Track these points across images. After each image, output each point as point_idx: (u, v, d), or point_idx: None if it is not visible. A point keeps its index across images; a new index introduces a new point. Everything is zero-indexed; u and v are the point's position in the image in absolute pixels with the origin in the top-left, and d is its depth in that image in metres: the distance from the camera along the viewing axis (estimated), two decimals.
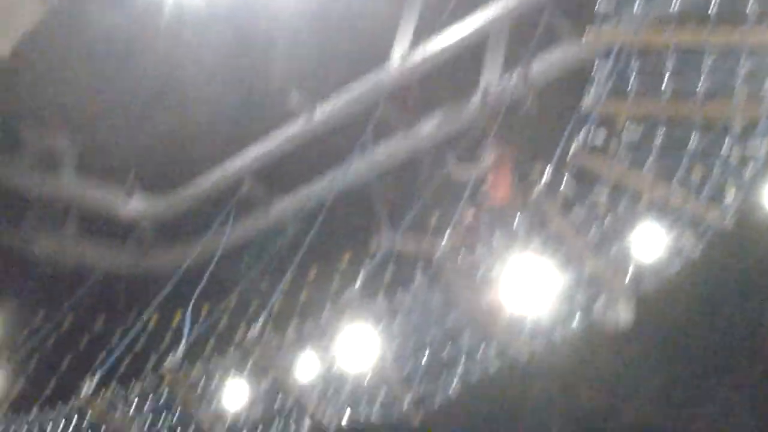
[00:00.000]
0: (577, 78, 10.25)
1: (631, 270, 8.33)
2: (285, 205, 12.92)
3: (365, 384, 9.33)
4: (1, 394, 11.58)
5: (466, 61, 11.69)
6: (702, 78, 7.86)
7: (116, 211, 13.76)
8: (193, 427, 9.73)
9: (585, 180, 8.47)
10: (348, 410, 9.33)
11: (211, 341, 10.35)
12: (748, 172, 7.85)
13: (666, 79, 7.99)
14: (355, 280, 9.29)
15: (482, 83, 11.32)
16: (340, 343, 9.21)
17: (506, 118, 9.88)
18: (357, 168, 11.60)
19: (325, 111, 12.14)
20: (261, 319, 9.60)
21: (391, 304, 9.38)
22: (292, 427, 9.51)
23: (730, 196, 7.90)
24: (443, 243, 8.69)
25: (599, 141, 8.21)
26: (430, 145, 11.68)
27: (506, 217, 8.89)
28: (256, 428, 9.66)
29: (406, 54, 11.50)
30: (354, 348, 9.12)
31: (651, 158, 8.13)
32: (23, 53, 10.67)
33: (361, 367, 9.21)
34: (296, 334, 9.71)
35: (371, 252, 10.35)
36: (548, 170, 8.31)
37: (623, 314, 8.38)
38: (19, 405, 11.34)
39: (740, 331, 12.92)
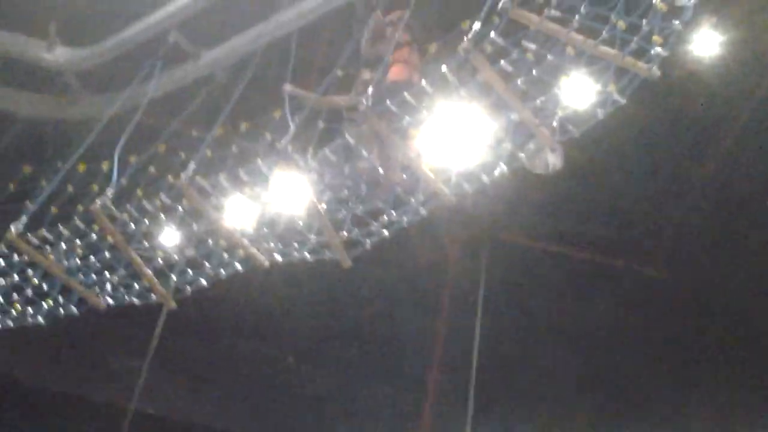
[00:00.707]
0: None
1: (557, 117, 8.54)
2: (213, 57, 12.84)
3: (298, 227, 9.51)
4: None
5: None
6: None
7: (39, 61, 13.51)
8: (123, 264, 9.85)
9: (512, 33, 8.65)
10: (280, 247, 9.53)
11: (140, 187, 10.34)
12: (677, 24, 8.03)
13: None
14: (285, 133, 9.41)
15: None
16: (273, 189, 9.35)
17: None
18: (284, 19, 11.56)
19: None
20: (191, 165, 9.66)
21: (320, 157, 9.48)
22: (226, 259, 9.69)
23: (658, 45, 8.08)
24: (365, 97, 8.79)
25: None
26: None
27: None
28: (190, 265, 9.83)
29: None
30: (286, 194, 9.31)
31: (579, 10, 8.27)
32: None
33: (292, 211, 9.39)
34: (227, 181, 9.77)
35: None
36: (477, 23, 8.45)
37: (552, 159, 8.69)
38: None
39: (665, 175, 13.62)
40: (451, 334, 16.07)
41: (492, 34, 8.45)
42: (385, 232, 9.29)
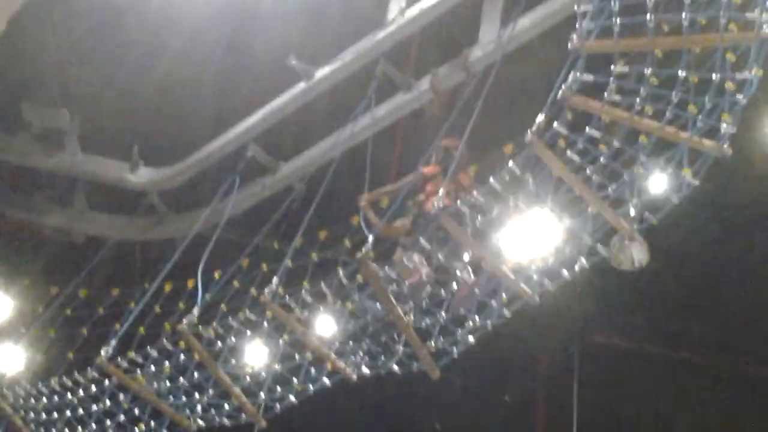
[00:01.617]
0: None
1: (633, 207, 8.35)
2: (290, 169, 12.98)
3: (382, 339, 9.40)
4: (22, 368, 11.67)
5: (463, 17, 11.81)
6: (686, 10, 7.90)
7: (123, 183, 13.87)
8: (211, 384, 9.82)
9: (577, 123, 8.56)
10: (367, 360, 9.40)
11: (224, 303, 10.36)
12: (742, 98, 7.87)
13: (651, 15, 8.04)
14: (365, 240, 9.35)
15: (480, 37, 11.44)
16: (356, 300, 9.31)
17: None
18: (361, 127, 11.67)
19: (324, 72, 12.18)
20: (274, 280, 9.65)
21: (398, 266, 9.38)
22: (314, 374, 9.59)
23: (727, 124, 7.92)
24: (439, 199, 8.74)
25: (589, 81, 8.31)
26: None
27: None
28: (278, 382, 9.75)
29: (403, 10, 11.56)
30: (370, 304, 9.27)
31: (643, 94, 8.16)
32: (18, 27, 10.83)
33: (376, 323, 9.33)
34: (310, 294, 9.72)
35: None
36: (540, 116, 8.38)
37: (638, 254, 8.46)
38: (40, 378, 11.38)
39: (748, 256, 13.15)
40: None
41: (555, 124, 8.37)
42: (471, 339, 9.08)
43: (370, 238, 9.13)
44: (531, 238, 8.65)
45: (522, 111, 9.52)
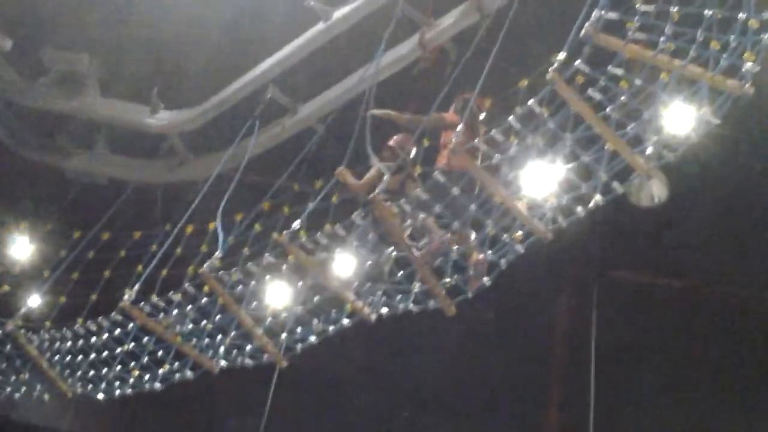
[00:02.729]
0: None
1: (651, 144, 8.27)
2: (310, 110, 12.93)
3: (400, 279, 9.41)
4: (45, 310, 11.83)
5: None
6: None
7: (143, 126, 13.87)
8: (234, 326, 9.90)
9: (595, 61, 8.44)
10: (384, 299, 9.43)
11: (247, 246, 10.40)
12: (766, 38, 7.75)
13: None
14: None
15: None
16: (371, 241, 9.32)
17: None
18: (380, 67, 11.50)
19: (342, 12, 12.04)
20: (295, 223, 9.65)
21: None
22: (334, 315, 9.64)
23: (750, 63, 7.78)
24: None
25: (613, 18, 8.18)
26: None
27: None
28: (299, 323, 9.80)
29: None
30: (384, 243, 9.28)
31: (668, 32, 8.03)
32: None
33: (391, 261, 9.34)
34: (329, 237, 9.73)
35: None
36: (560, 55, 8.26)
37: (657, 191, 8.42)
38: (63, 322, 11.52)
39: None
40: (566, 377, 15.68)
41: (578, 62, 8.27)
42: (486, 280, 9.07)
43: (386, 176, 9.13)
44: (546, 176, 8.63)
45: (535, 54, 9.39)
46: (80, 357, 10.92)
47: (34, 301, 11.76)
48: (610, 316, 14.97)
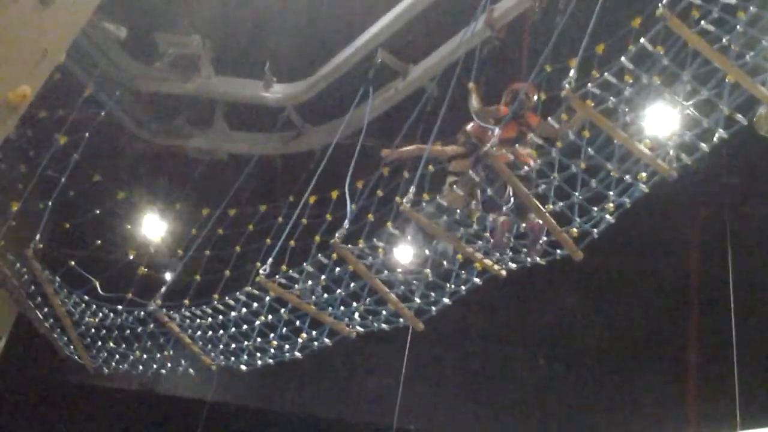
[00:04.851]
0: None
1: None
2: (421, 70, 12.93)
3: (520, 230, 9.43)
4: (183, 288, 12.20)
5: None
6: None
7: (259, 100, 14.15)
8: (366, 291, 10.04)
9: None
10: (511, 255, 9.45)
11: (371, 213, 10.49)
12: None
13: None
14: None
15: None
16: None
17: None
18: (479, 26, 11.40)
19: None
20: (411, 189, 9.68)
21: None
22: (463, 276, 9.69)
23: None
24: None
25: None
26: None
27: None
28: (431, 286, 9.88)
29: None
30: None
31: None
32: None
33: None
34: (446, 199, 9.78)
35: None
36: None
37: None
38: (201, 299, 11.84)
39: None
40: (705, 316, 15.42)
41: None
42: (611, 219, 8.94)
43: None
44: (666, 115, 8.48)
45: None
46: (220, 331, 11.19)
47: (171, 280, 12.14)
48: (746, 249, 14.57)
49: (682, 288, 15.88)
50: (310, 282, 10.21)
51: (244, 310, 10.78)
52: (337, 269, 10.00)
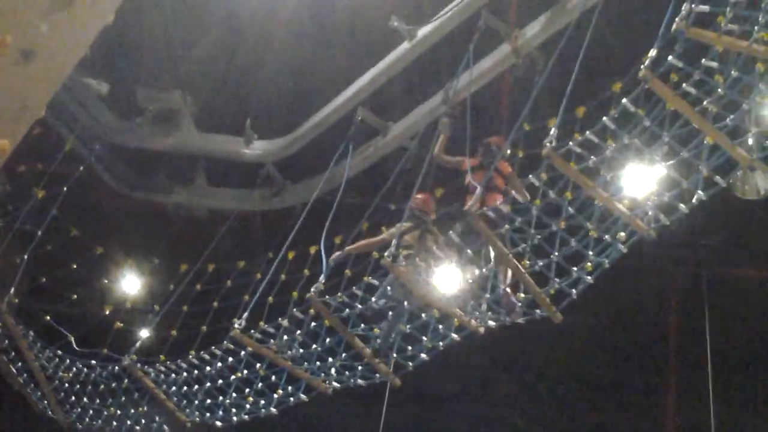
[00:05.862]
0: None
1: (753, 137, 8.11)
2: (400, 128, 13.02)
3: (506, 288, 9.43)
4: (158, 344, 12.11)
5: None
6: None
7: (239, 157, 14.18)
8: (343, 347, 10.01)
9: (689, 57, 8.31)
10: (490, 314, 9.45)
11: (348, 267, 10.47)
12: None
13: None
14: None
15: None
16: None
17: None
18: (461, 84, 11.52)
19: (427, 30, 12.07)
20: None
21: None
22: (441, 332, 9.67)
23: None
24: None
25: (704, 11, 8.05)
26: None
27: None
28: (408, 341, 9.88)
29: None
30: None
31: (762, 21, 7.84)
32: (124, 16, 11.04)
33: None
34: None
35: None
36: (652, 52, 8.17)
37: (762, 183, 8.24)
38: (177, 354, 11.76)
39: None
40: (682, 380, 15.44)
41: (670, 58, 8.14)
42: (589, 279, 8.97)
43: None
44: (645, 175, 8.55)
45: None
46: (196, 386, 11.15)
47: (146, 335, 12.07)
48: (723, 311, 14.62)
49: (660, 348, 15.87)
50: (286, 337, 10.17)
51: (219, 365, 10.73)
52: (313, 324, 9.97)
